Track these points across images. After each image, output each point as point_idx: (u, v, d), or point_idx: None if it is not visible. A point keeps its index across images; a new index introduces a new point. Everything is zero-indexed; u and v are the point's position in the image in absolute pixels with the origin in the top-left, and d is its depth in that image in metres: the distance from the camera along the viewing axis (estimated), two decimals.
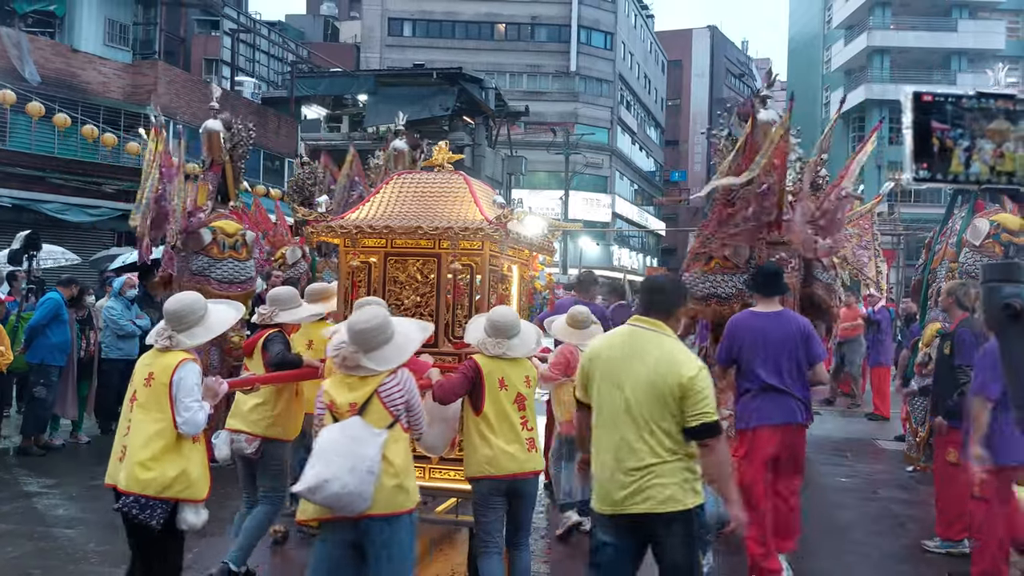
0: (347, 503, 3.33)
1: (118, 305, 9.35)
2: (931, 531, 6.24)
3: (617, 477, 3.37)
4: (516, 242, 5.37)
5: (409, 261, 5.16)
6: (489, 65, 41.35)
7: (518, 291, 5.85)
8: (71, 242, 16.51)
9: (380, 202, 5.34)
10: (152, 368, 3.80)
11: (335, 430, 3.45)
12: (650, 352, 3.43)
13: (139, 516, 3.65)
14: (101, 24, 23.95)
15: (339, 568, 3.51)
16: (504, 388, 4.22)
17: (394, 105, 28.99)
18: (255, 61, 33.56)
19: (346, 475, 3.29)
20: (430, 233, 4.97)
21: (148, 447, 3.69)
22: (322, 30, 46.27)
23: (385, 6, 44.74)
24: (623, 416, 3.39)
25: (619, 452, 3.38)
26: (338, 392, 3.53)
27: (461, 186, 5.35)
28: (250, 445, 4.73)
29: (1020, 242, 6.73)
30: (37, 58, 18.49)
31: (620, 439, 3.39)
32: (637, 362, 3.42)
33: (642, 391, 3.37)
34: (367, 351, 3.51)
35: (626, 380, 3.41)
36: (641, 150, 53.48)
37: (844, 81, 49.59)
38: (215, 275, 7.42)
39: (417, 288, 5.15)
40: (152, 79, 20.80)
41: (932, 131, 1.52)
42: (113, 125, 19.30)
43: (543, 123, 39.04)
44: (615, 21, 46.86)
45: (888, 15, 46.38)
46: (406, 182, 5.48)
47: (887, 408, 12.00)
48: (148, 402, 3.76)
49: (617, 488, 3.37)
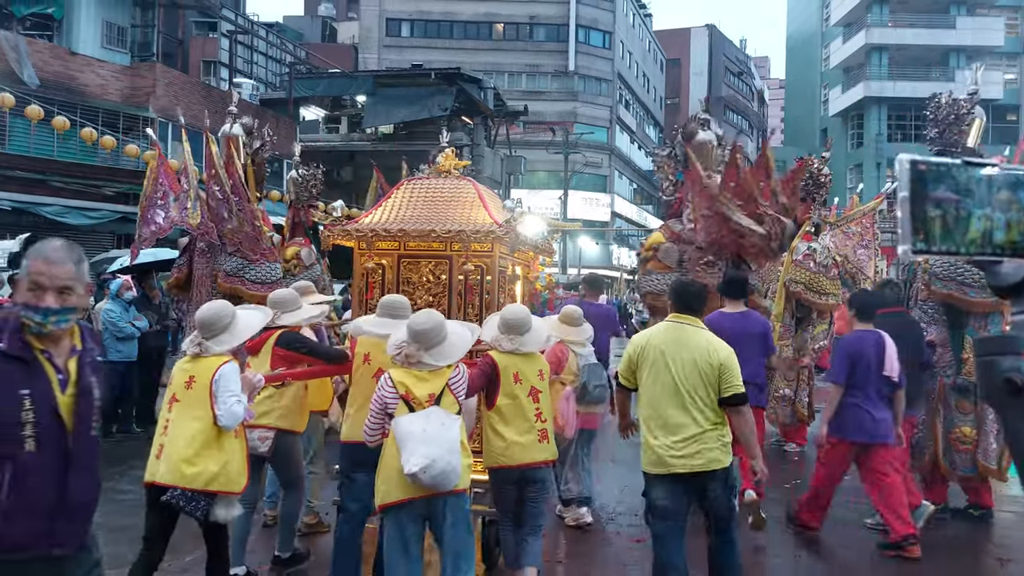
0: (447, 480, 3.75)
1: (116, 307, 9.37)
2: (932, 529, 6.26)
3: (673, 445, 4.25)
4: (522, 243, 5.56)
5: (422, 263, 5.37)
6: (487, 65, 41.38)
7: (522, 291, 6.06)
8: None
9: (393, 206, 5.52)
10: (192, 372, 4.06)
11: (422, 418, 3.82)
12: (692, 340, 4.37)
13: (185, 508, 3.93)
14: (99, 27, 23.99)
15: (411, 542, 3.89)
16: (519, 382, 4.48)
17: (392, 106, 29.11)
18: (253, 62, 33.61)
19: (447, 455, 3.73)
20: (442, 236, 5.17)
21: (191, 444, 3.93)
22: (320, 31, 46.31)
23: (383, 7, 44.76)
24: (673, 393, 4.28)
25: (671, 424, 4.27)
26: (413, 385, 3.91)
27: (470, 191, 5.55)
28: (263, 443, 4.86)
29: None
30: (35, 61, 18.52)
31: (671, 413, 4.27)
32: (683, 349, 4.33)
33: (689, 371, 4.28)
34: (427, 349, 3.94)
35: (674, 364, 4.31)
36: (640, 149, 53.50)
37: (842, 79, 49.60)
38: (249, 276, 7.56)
39: (430, 289, 5.34)
40: (150, 81, 20.83)
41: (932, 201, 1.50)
42: (112, 127, 19.33)
43: (542, 123, 39.06)
44: (613, 20, 46.88)
45: (886, 12, 46.37)
46: (417, 187, 5.68)
47: None
48: (189, 403, 4.00)
49: (671, 454, 4.25)
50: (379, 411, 3.94)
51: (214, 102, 23.33)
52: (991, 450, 6.58)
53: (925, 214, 1.47)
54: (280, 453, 4.99)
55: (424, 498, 3.82)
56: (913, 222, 1.47)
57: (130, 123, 20.44)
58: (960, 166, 1.49)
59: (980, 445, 6.61)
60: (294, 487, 5.16)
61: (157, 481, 3.98)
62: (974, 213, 1.47)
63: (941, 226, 1.47)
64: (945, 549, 6.08)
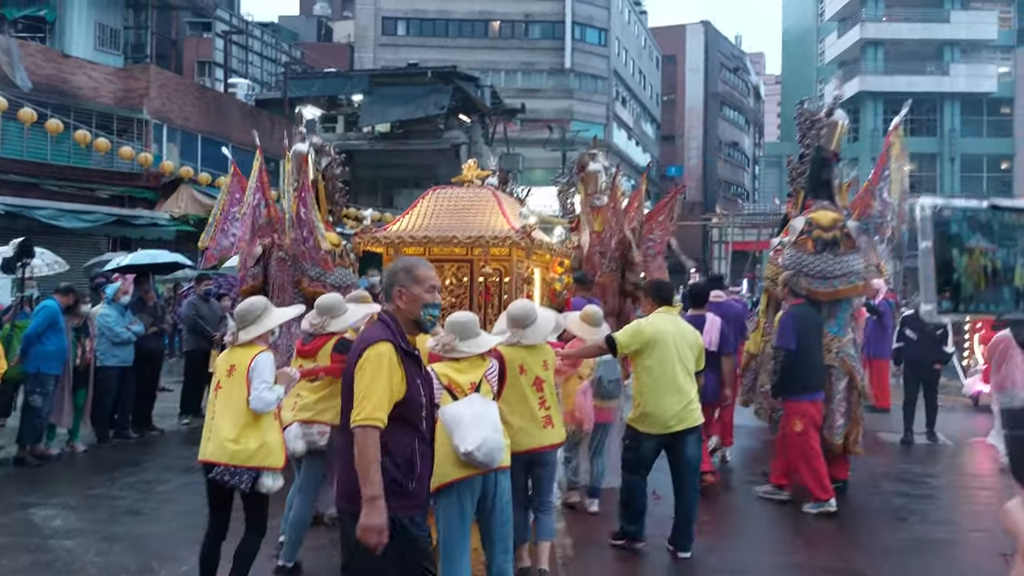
0: (497, 457, 4.09)
1: (112, 312, 9.29)
2: (933, 524, 6.27)
3: (675, 410, 5.41)
4: (538, 247, 6.02)
5: (445, 267, 5.85)
6: (484, 63, 41.25)
7: (540, 292, 6.66)
8: (65, 248, 16.40)
9: (418, 215, 6.07)
10: (232, 361, 4.55)
11: (467, 404, 4.15)
12: (684, 327, 5.73)
13: (230, 482, 4.37)
14: (92, 29, 23.87)
15: (467, 518, 4.21)
16: (523, 373, 4.80)
17: (389, 105, 29.02)
18: (248, 63, 33.50)
19: (494, 434, 4.07)
20: (464, 242, 5.70)
21: (234, 425, 4.40)
22: (315, 30, 46.19)
23: (378, 5, 44.62)
24: (680, 368, 5.45)
25: (676, 392, 5.41)
26: (456, 375, 4.25)
27: (490, 199, 6.11)
28: (322, 438, 5.22)
29: (828, 237, 7.34)
30: (28, 64, 18.42)
31: (678, 383, 5.43)
32: (680, 333, 5.58)
33: (687, 349, 5.53)
34: (463, 339, 4.32)
35: (677, 345, 5.48)
36: (637, 145, 53.41)
37: (838, 73, 49.56)
38: (328, 280, 7.83)
39: (452, 291, 5.83)
40: (144, 83, 20.72)
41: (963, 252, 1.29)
42: (106, 130, 19.24)
43: (539, 120, 38.92)
44: (609, 17, 46.78)
45: (881, 7, 46.32)
46: (441, 197, 6.22)
47: (887, 400, 11.96)
48: (230, 389, 4.49)
49: (672, 417, 5.42)
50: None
51: (208, 103, 23.26)
52: (836, 426, 7.23)
53: (952, 268, 1.28)
54: (333, 448, 5.19)
55: (479, 475, 4.13)
56: (938, 278, 1.29)
57: (124, 125, 20.34)
58: (988, 210, 1.33)
59: (827, 422, 7.18)
60: (312, 492, 5.43)
61: (207, 459, 4.43)
62: (1018, 263, 1.31)
63: (973, 281, 1.28)
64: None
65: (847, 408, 7.26)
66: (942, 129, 45.86)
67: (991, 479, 8.44)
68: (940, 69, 45.80)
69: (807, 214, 7.60)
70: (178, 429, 10.38)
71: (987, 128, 46.36)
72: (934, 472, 8.81)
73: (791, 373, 6.77)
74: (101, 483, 7.67)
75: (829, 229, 7.37)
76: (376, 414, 3.16)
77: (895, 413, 11.40)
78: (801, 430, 6.77)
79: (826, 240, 7.33)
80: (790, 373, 6.78)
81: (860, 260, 7.34)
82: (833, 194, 7.75)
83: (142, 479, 7.89)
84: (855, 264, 7.28)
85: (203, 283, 11.28)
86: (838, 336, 7.36)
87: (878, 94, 45.88)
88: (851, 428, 7.30)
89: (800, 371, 6.74)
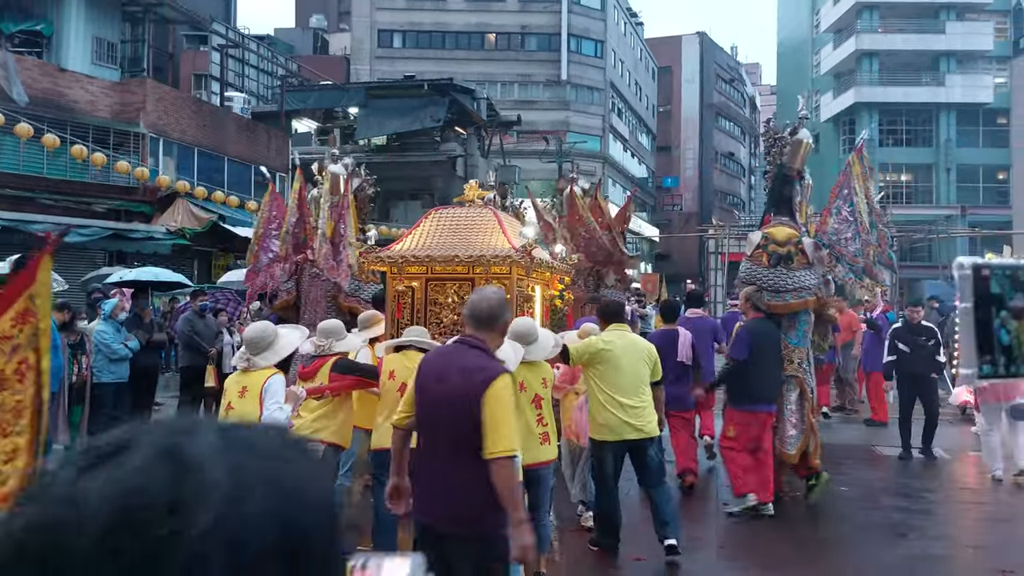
0: None
1: (109, 328, 9.26)
2: (931, 540, 6.25)
3: (626, 418, 5.67)
4: (537, 265, 6.13)
5: (447, 285, 6.01)
6: (480, 75, 41.36)
7: (540, 308, 6.79)
8: (61, 263, 16.40)
9: (421, 234, 6.20)
10: (244, 383, 4.70)
11: None
12: (635, 341, 6.05)
13: None
14: (89, 43, 23.89)
15: None
16: (523, 390, 4.89)
17: (385, 117, 29.06)
18: (244, 76, 33.53)
19: None
20: (465, 261, 5.85)
21: None
22: (311, 43, 46.27)
23: (374, 18, 44.76)
24: (629, 380, 5.71)
25: (626, 401, 5.68)
26: None
27: (490, 219, 6.24)
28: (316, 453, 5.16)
29: (782, 251, 7.62)
30: (24, 78, 18.42)
31: (628, 394, 5.69)
32: (632, 347, 5.89)
33: (639, 363, 5.81)
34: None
35: (630, 358, 5.78)
36: (633, 157, 53.53)
37: (834, 85, 49.74)
38: (363, 295, 8.18)
39: (455, 308, 5.95)
40: (141, 96, 20.73)
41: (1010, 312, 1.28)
42: (102, 144, 19.24)
43: (535, 132, 39.00)
44: (605, 29, 46.95)
45: (876, 18, 46.55)
46: (443, 216, 6.37)
47: (885, 413, 11.95)
48: (243, 410, 4.60)
49: (623, 425, 5.68)
50: None
51: (205, 116, 23.28)
52: (788, 437, 7.38)
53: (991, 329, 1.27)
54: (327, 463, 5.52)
55: None
56: (978, 340, 1.27)
57: (120, 139, 20.34)
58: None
59: (778, 434, 7.37)
60: None
61: None
62: None
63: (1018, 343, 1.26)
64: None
65: (799, 419, 7.42)
66: (938, 139, 46.01)
67: (989, 494, 8.42)
68: (936, 80, 45.99)
69: (764, 229, 7.94)
70: None
71: (983, 138, 46.51)
72: (932, 487, 8.77)
73: (735, 383, 7.21)
74: None
75: (783, 244, 7.63)
76: (512, 444, 3.36)
77: (893, 427, 11.39)
78: (733, 436, 7.17)
79: (780, 255, 7.61)
80: (734, 382, 7.23)
81: (813, 276, 7.53)
82: (793, 210, 7.97)
83: None
84: (806, 279, 7.47)
85: (199, 298, 11.26)
86: (799, 347, 7.60)
87: (874, 105, 46.06)
88: (806, 440, 7.43)
89: (749, 382, 7.08)
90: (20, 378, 3.23)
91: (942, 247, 43.00)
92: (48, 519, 0.64)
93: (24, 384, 3.24)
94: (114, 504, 0.63)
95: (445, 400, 3.42)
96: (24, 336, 3.22)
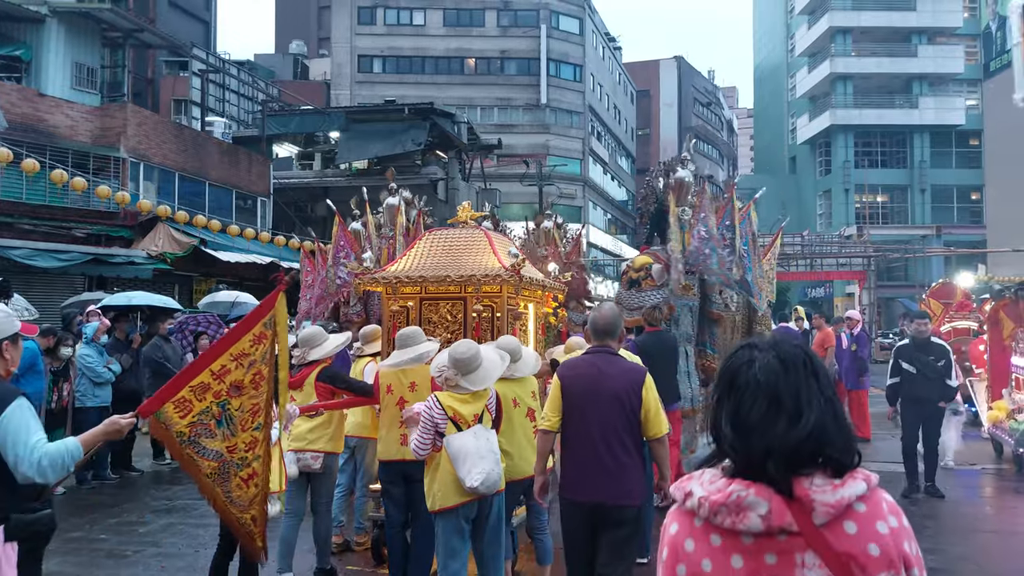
0: (496, 486, 4.45)
1: (92, 351, 9.19)
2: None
3: None
4: (527, 284, 6.25)
5: (440, 304, 6.22)
6: (460, 99, 41.61)
7: (535, 326, 6.92)
8: (41, 288, 16.26)
9: (415, 256, 6.41)
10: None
11: (472, 436, 4.42)
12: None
13: None
14: (68, 68, 23.84)
15: (465, 532, 4.52)
16: (517, 405, 5.08)
17: (366, 141, 29.10)
18: (225, 101, 33.53)
19: (495, 466, 4.42)
20: (457, 280, 6.03)
21: None
22: (292, 68, 46.38)
23: (354, 43, 44.98)
24: None
25: None
26: (460, 407, 4.48)
27: (482, 239, 6.41)
28: (316, 462, 5.68)
29: (635, 276, 9.00)
30: (3, 103, 18.33)
31: None
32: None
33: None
34: (464, 375, 4.51)
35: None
36: (613, 179, 53.91)
37: (809, 107, 50.42)
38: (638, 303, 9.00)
39: (448, 326, 6.16)
40: (121, 121, 20.67)
41: None
42: (82, 168, 19.13)
43: (516, 155, 39.23)
44: (583, 54, 47.41)
45: (849, 42, 47.32)
46: (436, 238, 6.58)
47: (867, 429, 12.01)
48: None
49: None
50: (429, 429, 4.43)
51: (185, 141, 23.23)
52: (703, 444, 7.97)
53: None
54: (327, 471, 5.81)
55: (476, 500, 4.48)
56: None
57: (100, 163, 20.24)
58: None
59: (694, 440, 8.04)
60: (327, 507, 5.89)
61: None
62: None
63: None
64: None
65: None
66: (912, 161, 46.69)
67: (994, 519, 8.45)
68: (909, 102, 46.77)
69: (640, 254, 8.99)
70: (158, 469, 10.23)
71: (956, 159, 47.25)
72: (933, 515, 7.93)
73: None
74: (80, 526, 7.53)
75: (638, 270, 9.00)
76: (667, 426, 4.29)
77: (876, 443, 11.46)
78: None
79: (632, 279, 9.00)
80: None
81: (657, 296, 8.52)
82: (667, 240, 8.86)
83: (123, 520, 7.76)
84: (648, 299, 8.50)
85: (165, 322, 11.17)
86: (715, 355, 8.54)
87: (848, 127, 46.72)
88: None
89: None
90: (255, 386, 4.03)
91: (918, 265, 43.53)
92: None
93: (259, 391, 4.04)
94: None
95: (613, 396, 4.14)
96: (258, 353, 4.05)
